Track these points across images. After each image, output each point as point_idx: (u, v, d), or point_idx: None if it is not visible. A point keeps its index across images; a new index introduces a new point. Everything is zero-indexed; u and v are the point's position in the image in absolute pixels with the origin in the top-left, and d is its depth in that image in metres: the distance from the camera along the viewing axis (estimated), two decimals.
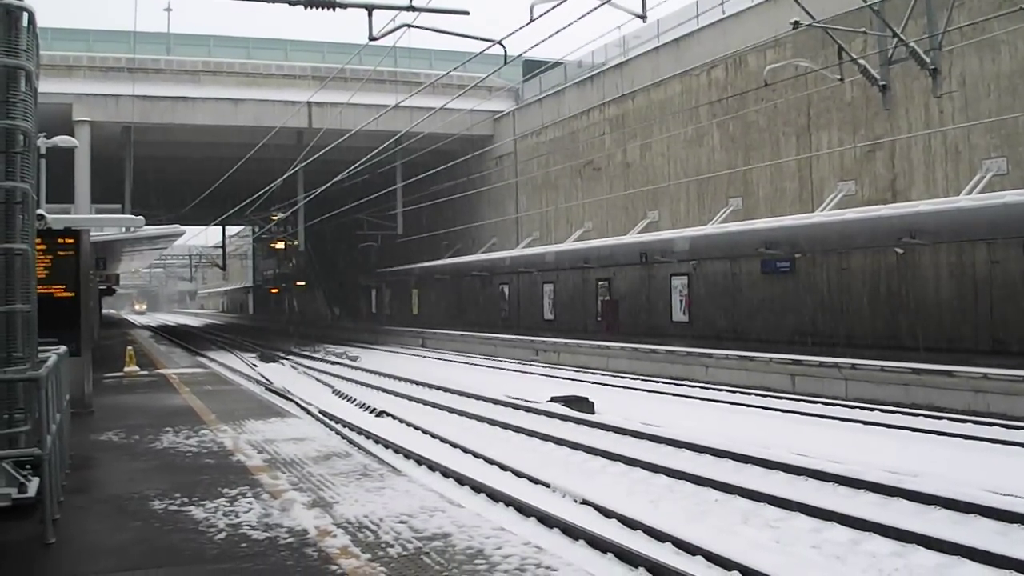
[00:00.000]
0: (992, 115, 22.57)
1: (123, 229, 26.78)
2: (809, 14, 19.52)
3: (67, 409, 10.66)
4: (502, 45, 18.83)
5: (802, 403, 21.35)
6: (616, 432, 17.65)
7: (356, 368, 35.74)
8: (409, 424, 20.22)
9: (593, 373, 30.54)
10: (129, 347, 27.94)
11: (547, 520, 11.24)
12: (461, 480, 13.95)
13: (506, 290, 47.05)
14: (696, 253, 31.02)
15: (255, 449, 11.86)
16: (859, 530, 10.37)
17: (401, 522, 7.89)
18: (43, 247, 13.89)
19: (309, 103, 41.03)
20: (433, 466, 15.13)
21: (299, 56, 52.67)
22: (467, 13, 18.24)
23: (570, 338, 36.37)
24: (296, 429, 14.08)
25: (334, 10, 16.23)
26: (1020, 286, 21.43)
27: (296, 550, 7.08)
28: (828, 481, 12.75)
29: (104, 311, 71.82)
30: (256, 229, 73.09)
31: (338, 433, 18.28)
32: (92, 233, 19.32)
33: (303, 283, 79.74)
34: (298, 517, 8.08)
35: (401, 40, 19.70)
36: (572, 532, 10.65)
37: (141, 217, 24.33)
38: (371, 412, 22.44)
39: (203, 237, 79.08)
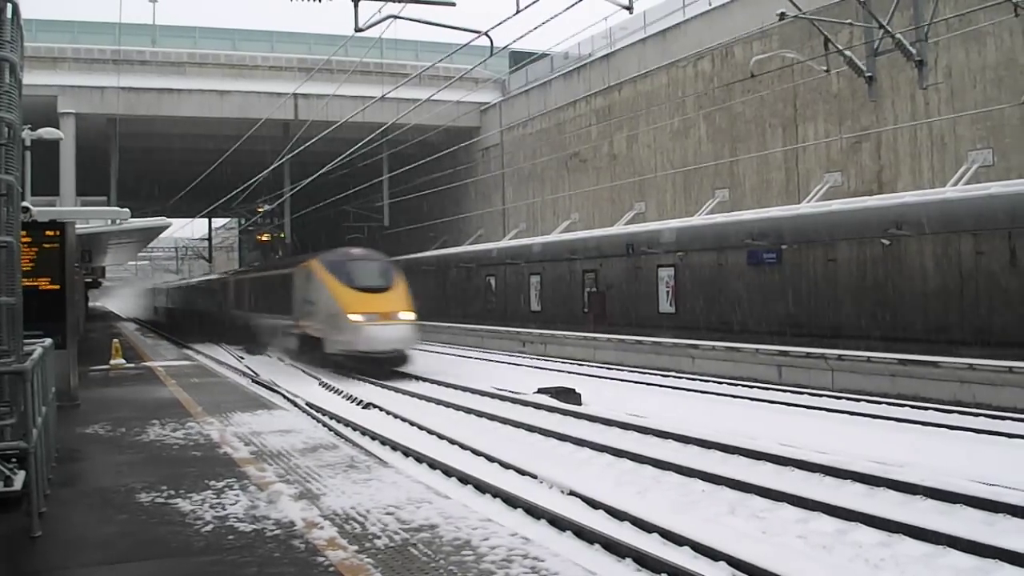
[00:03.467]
0: (978, 106, 22.64)
1: (109, 221, 26.66)
2: (796, 5, 19.51)
3: (53, 402, 10.62)
4: (488, 36, 18.81)
5: (788, 394, 21.41)
6: (603, 423, 17.68)
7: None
8: (396, 416, 20.20)
9: (580, 364, 30.55)
10: (115, 339, 27.85)
11: (534, 511, 11.25)
12: (448, 471, 13.95)
13: (493, 282, 46.99)
14: (682, 244, 31.02)
15: (242, 441, 11.84)
16: (846, 520, 10.42)
17: (388, 514, 7.89)
18: (28, 240, 13.81)
19: (295, 95, 40.92)
20: (420, 458, 15.13)
21: (285, 47, 52.54)
22: (453, 4, 18.19)
23: (557, 329, 36.38)
24: (283, 421, 14.07)
25: (320, 0, 16.18)
26: (1005, 277, 21.50)
27: (283, 542, 7.07)
28: (815, 471, 12.80)
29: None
30: (242, 221, 72.95)
31: (325, 425, 18.25)
32: (78, 226, 19.21)
33: None
34: (285, 509, 8.08)
35: (387, 31, 19.68)
36: (559, 523, 10.66)
37: (127, 209, 24.29)
38: (358, 404, 22.41)
39: (189, 230, 78.84)
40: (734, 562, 8.95)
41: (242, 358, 36.84)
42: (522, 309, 43.49)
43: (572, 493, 12.12)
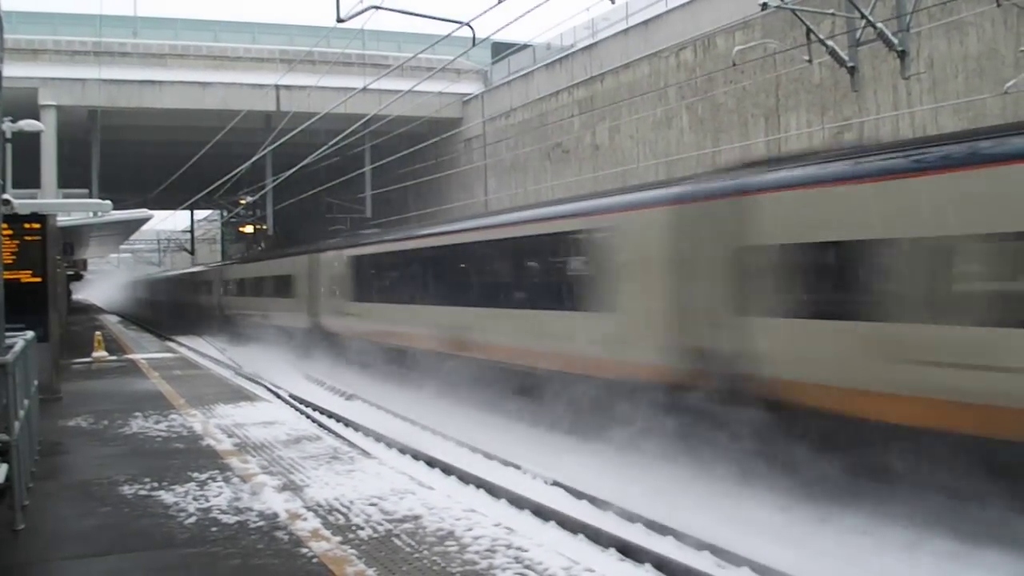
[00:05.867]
0: (960, 97, 22.70)
1: (90, 214, 26.56)
2: None
3: (35, 395, 10.57)
4: (470, 27, 18.77)
5: None
6: None
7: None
8: (379, 407, 20.20)
9: None
10: (97, 332, 27.74)
11: (518, 501, 11.29)
12: (432, 462, 13.98)
13: None
14: None
15: (225, 433, 11.82)
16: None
17: (371, 504, 7.90)
18: (9, 232, 13.80)
19: (277, 86, 40.76)
20: (404, 448, 15.15)
21: (267, 39, 52.30)
22: None
23: None
24: (266, 413, 14.05)
25: None
26: None
27: (267, 534, 7.08)
28: None
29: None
30: (224, 213, 72.77)
31: (308, 416, 18.26)
32: (59, 218, 19.17)
33: None
34: (268, 501, 8.08)
35: (369, 22, 19.63)
36: (543, 513, 10.71)
37: (108, 202, 24.18)
38: (341, 395, 22.42)
39: (171, 222, 78.56)
40: (718, 551, 8.96)
41: (225, 350, 36.80)
42: None
43: (556, 483, 12.16)
